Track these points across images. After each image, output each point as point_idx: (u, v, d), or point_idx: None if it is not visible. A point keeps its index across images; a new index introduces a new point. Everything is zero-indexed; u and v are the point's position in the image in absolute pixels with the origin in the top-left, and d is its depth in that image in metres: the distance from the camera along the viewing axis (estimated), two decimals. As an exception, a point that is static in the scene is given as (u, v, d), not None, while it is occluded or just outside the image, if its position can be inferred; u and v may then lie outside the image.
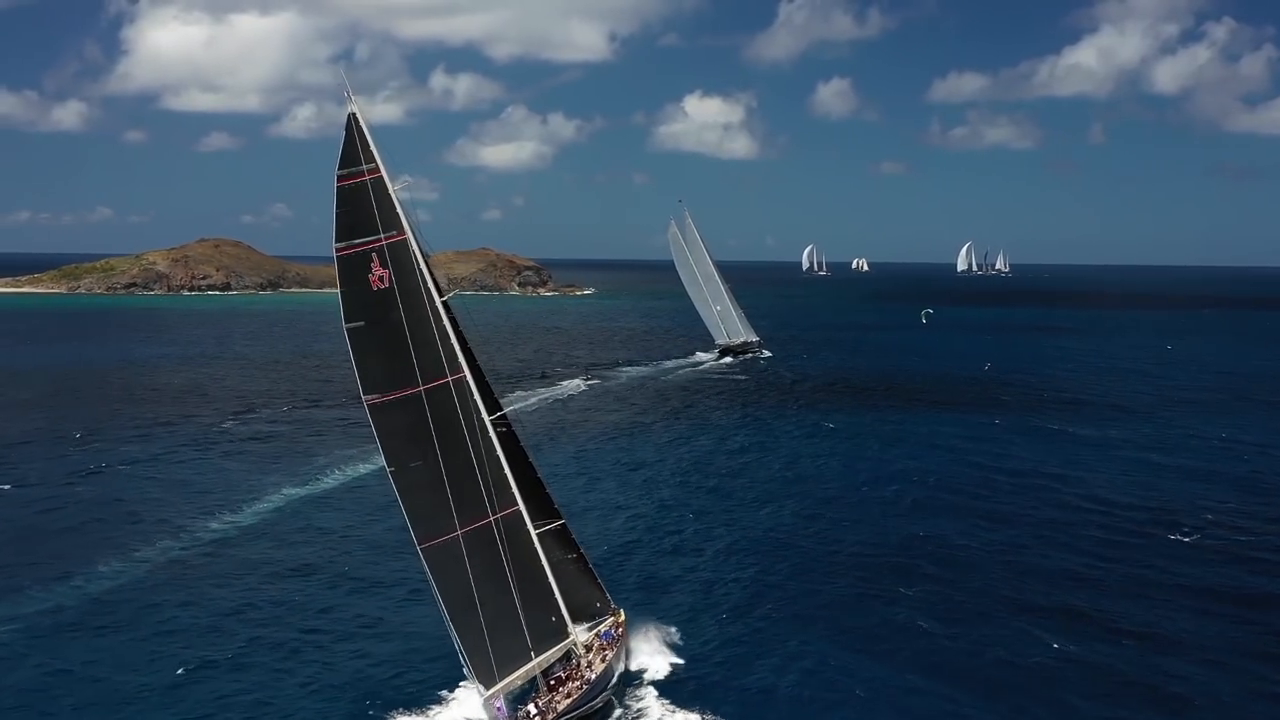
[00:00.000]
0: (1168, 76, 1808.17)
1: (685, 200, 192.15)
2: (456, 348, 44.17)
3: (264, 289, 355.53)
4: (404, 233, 43.27)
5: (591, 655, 45.98)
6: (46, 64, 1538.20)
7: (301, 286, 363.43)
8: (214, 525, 70.78)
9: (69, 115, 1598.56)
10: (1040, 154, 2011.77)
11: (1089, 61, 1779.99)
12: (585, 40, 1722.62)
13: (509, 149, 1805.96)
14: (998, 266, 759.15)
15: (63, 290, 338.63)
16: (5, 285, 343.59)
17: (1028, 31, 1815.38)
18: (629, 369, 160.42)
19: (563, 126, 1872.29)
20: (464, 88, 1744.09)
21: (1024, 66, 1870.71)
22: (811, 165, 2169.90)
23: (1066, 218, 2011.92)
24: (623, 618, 49.77)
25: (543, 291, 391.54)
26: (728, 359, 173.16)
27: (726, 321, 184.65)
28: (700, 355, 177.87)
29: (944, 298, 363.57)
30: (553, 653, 45.13)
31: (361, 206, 42.27)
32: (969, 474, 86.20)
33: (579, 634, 46.80)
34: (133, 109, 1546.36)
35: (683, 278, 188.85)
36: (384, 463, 42.23)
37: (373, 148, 42.68)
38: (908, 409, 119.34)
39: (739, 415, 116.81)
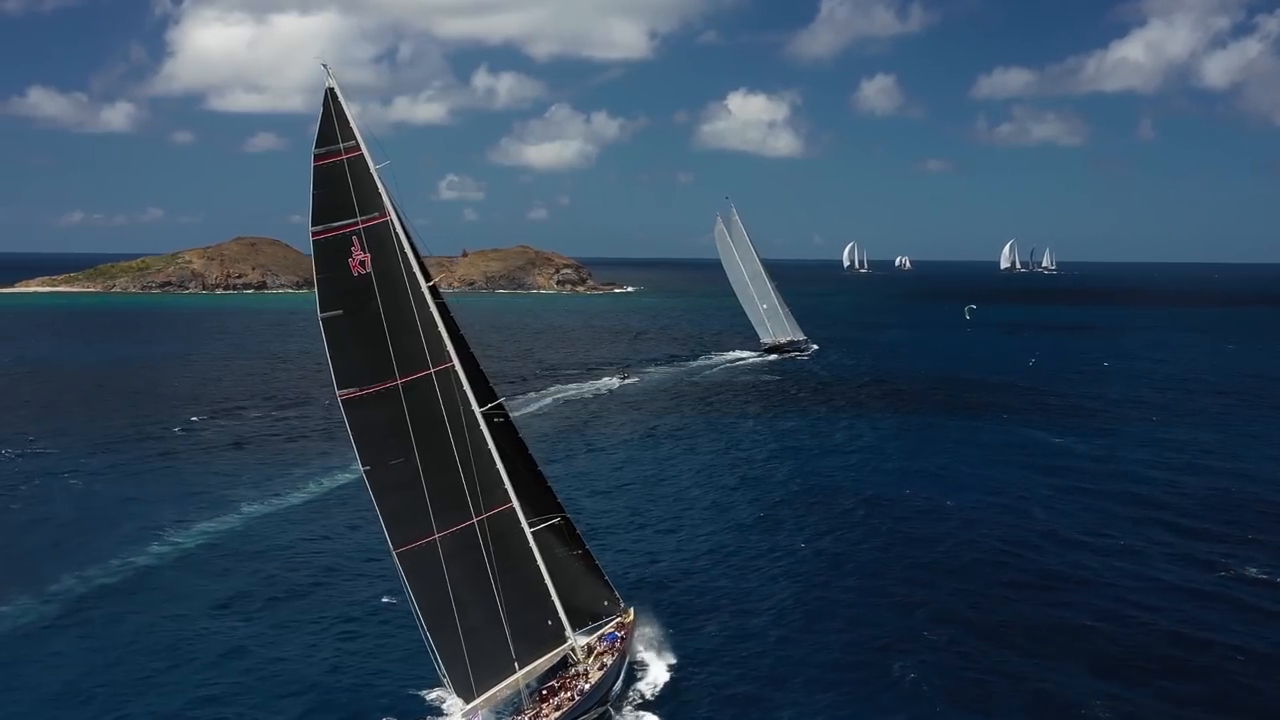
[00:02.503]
0: (1218, 71, 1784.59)
1: (731, 198, 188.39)
2: (444, 336, 41.40)
3: (300, 288, 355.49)
4: (386, 214, 40.59)
5: (589, 662, 43.07)
6: (94, 66, 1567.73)
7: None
8: (174, 538, 65.95)
9: (117, 116, 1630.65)
10: (1088, 150, 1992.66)
11: (1136, 56, 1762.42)
12: (625, 38, 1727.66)
13: (553, 148, 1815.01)
14: (1044, 264, 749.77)
15: (98, 289, 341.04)
16: (41, 284, 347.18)
17: (1073, 25, 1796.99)
18: (668, 366, 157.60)
19: (606, 125, 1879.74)
20: (506, 87, 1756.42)
21: (1070, 61, 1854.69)
22: (857, 163, 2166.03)
23: (1115, 214, 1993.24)
24: (631, 617, 47.07)
25: (580, 289, 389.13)
26: (773, 357, 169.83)
27: (773, 319, 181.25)
28: (744, 353, 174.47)
29: (986, 296, 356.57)
30: (546, 659, 42.37)
31: (340, 187, 39.72)
32: (1006, 493, 76.92)
33: (578, 638, 44.01)
34: (179, 110, 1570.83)
35: (729, 275, 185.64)
36: (359, 463, 39.26)
37: (352, 125, 40.21)
38: (946, 413, 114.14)
39: (772, 415, 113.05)
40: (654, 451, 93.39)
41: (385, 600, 53.38)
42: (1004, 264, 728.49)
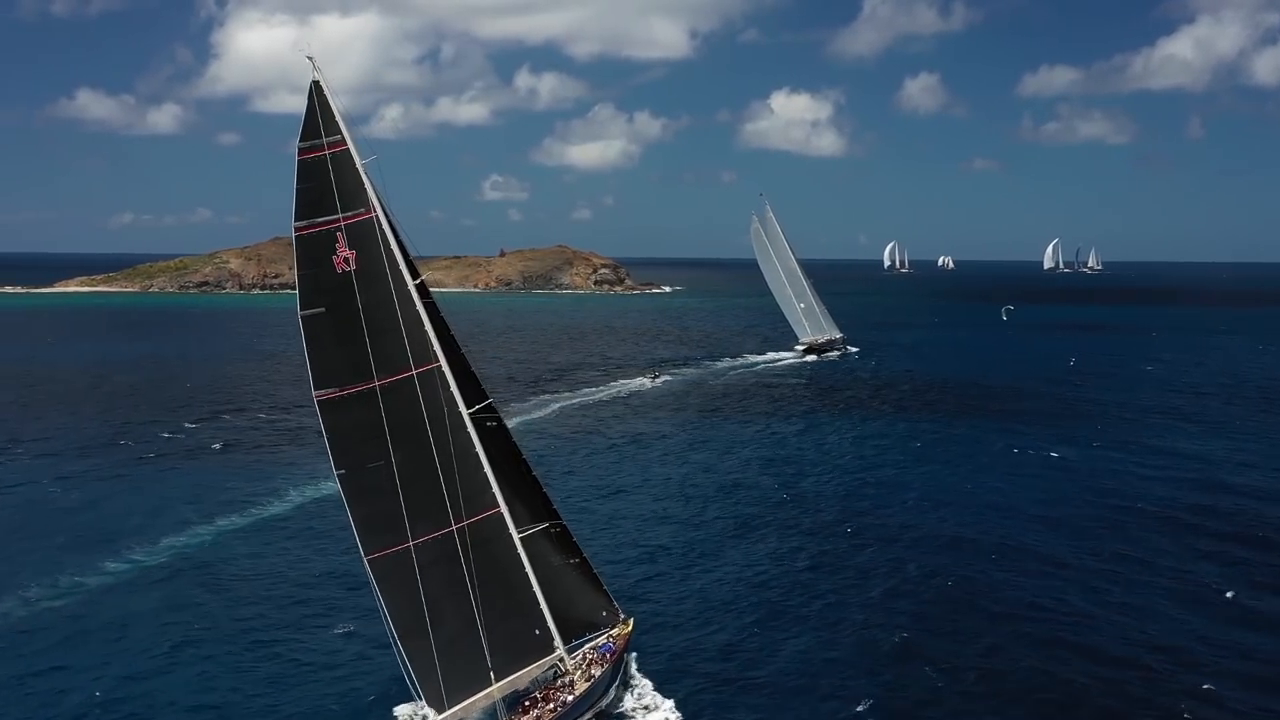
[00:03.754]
0: (1268, 68, 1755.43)
1: (773, 198, 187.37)
2: (431, 336, 40.28)
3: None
4: (371, 211, 39.56)
5: (575, 674, 41.63)
6: (140, 68, 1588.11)
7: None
8: (134, 554, 61.77)
9: (164, 118, 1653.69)
10: (1135, 149, 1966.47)
11: (1184, 53, 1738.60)
12: (666, 38, 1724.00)
13: (596, 148, 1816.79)
14: (1089, 264, 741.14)
15: (135, 289, 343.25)
16: (80, 284, 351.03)
17: (1120, 23, 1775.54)
18: (700, 368, 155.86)
19: (648, 125, 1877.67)
20: (548, 87, 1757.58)
21: (1117, 59, 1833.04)
22: (901, 162, 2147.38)
23: (1163, 214, 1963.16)
24: (630, 628, 45.55)
25: (618, 289, 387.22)
26: (811, 358, 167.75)
27: (810, 318, 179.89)
28: (780, 354, 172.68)
29: (1026, 296, 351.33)
30: (528, 670, 40.94)
31: (324, 182, 38.73)
32: (1019, 515, 70.88)
33: (569, 648, 42.62)
34: (224, 111, 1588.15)
35: (765, 274, 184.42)
36: (333, 467, 38.03)
37: (338, 118, 39.20)
38: (971, 420, 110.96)
39: (796, 421, 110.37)
40: (668, 458, 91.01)
41: (356, 611, 51.13)
42: (1047, 264, 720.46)
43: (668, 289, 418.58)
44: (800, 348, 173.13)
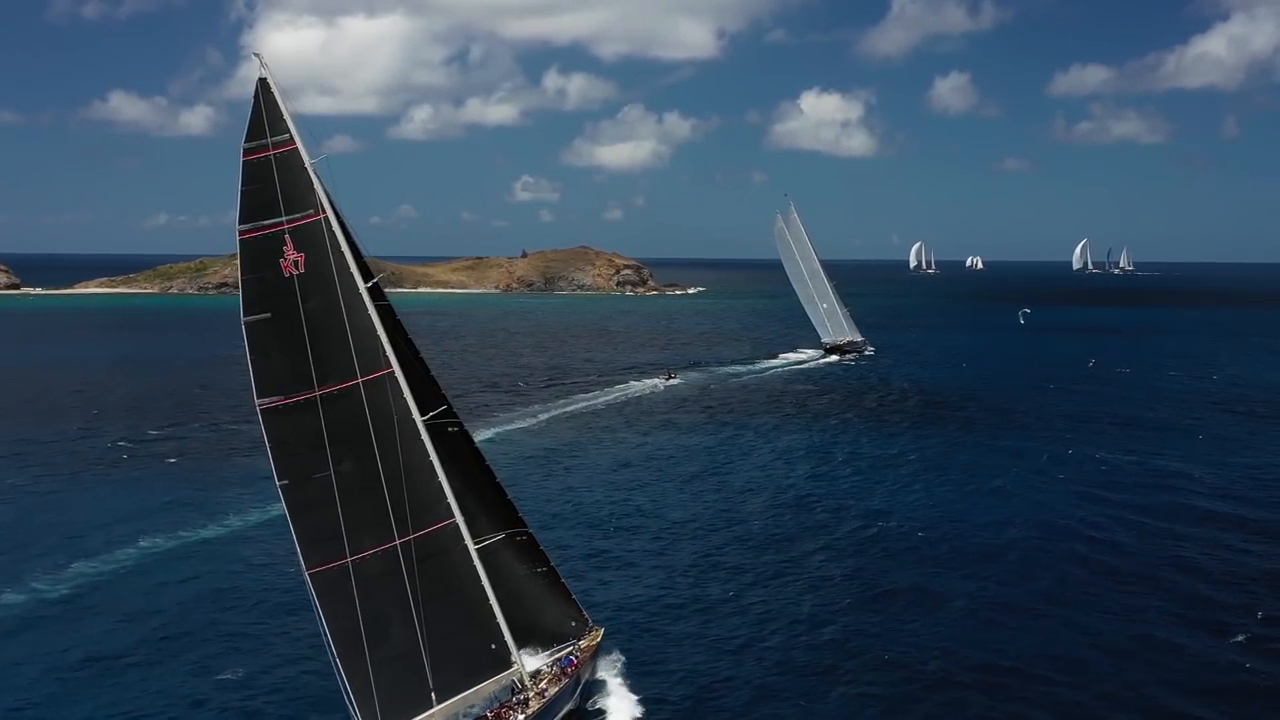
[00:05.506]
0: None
1: (804, 199, 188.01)
2: (384, 341, 38.95)
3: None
4: (321, 212, 38.31)
5: (531, 690, 40.11)
6: (172, 70, 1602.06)
7: (396, 286, 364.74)
8: (38, 583, 56.92)
9: (196, 120, 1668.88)
10: (1169, 148, 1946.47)
11: (1218, 51, 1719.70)
12: (693, 38, 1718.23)
13: (626, 148, 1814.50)
14: (1120, 264, 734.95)
15: (155, 290, 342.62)
16: (100, 285, 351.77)
17: (1153, 20, 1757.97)
18: (714, 369, 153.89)
19: (678, 126, 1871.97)
20: (576, 87, 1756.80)
21: (1150, 58, 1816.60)
22: (932, 162, 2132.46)
23: (1198, 213, 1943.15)
24: (598, 639, 44.13)
25: (640, 290, 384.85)
26: (833, 358, 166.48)
27: (831, 319, 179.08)
28: (799, 355, 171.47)
29: (1049, 298, 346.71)
30: (480, 688, 39.40)
31: (270, 183, 37.59)
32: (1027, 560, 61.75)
33: (531, 661, 41.17)
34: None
35: (789, 275, 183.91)
36: (275, 479, 36.61)
37: (286, 118, 38.05)
38: (977, 433, 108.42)
39: (795, 426, 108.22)
40: (662, 465, 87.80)
41: (295, 631, 49.00)
42: (1076, 264, 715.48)
43: (691, 290, 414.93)
44: (820, 349, 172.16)
